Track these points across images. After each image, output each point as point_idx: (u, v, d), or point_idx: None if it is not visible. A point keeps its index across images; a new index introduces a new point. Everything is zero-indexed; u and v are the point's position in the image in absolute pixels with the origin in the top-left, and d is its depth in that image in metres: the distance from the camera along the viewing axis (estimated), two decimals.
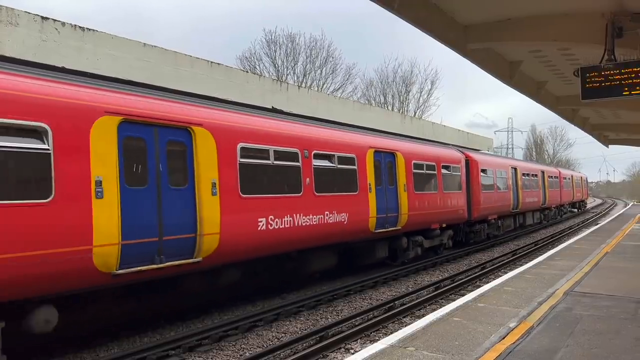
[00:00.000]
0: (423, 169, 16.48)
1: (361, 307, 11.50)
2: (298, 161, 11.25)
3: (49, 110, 6.86)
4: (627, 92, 9.65)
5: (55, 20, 13.81)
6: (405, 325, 8.72)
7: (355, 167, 13.15)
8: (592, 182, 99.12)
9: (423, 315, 9.63)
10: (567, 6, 10.60)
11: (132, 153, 7.87)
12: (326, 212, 11.91)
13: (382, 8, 9.34)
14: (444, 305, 9.76)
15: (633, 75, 9.52)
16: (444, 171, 17.86)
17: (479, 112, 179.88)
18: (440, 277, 14.95)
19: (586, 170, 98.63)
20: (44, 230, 6.57)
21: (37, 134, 6.70)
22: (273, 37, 48.32)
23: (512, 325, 7.43)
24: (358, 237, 13.51)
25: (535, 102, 19.12)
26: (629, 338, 6.82)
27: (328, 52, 50.05)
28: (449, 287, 13.09)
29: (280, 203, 10.60)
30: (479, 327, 7.38)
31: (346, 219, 12.53)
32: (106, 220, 7.26)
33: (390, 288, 13.70)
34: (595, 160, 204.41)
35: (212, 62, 18.81)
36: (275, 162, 10.65)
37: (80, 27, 14.43)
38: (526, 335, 6.93)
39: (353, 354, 7.73)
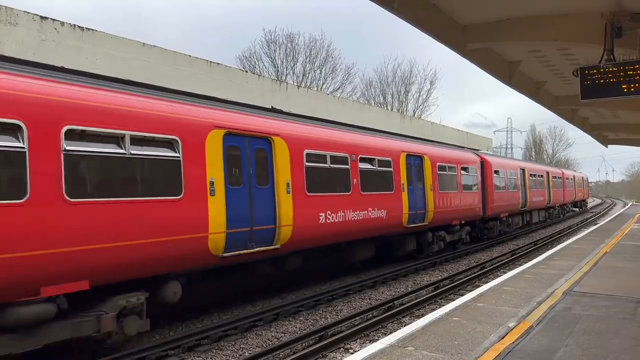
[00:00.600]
0: (446, 171, 18.26)
1: (360, 307, 11.50)
2: (348, 164, 13.02)
3: (179, 126, 8.69)
4: (627, 92, 9.65)
5: (54, 19, 13.80)
6: (405, 325, 8.73)
7: (391, 169, 14.92)
8: (591, 182, 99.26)
9: (422, 315, 9.63)
10: (567, 6, 10.60)
11: (232, 159, 9.72)
12: (369, 209, 13.68)
13: (381, 8, 9.35)
14: (443, 305, 9.76)
15: (632, 75, 9.53)
16: (463, 172, 19.64)
17: (478, 112, 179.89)
18: (440, 277, 14.96)
19: (585, 170, 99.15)
20: (176, 221, 8.38)
21: (171, 144, 8.52)
22: (272, 37, 48.34)
23: (511, 325, 7.44)
24: (393, 231, 15.32)
25: (534, 102, 19.13)
26: (628, 338, 6.83)
27: (327, 52, 50.08)
28: (448, 287, 13.10)
29: (335, 201, 12.40)
30: (478, 327, 7.39)
31: (385, 214, 14.32)
32: (217, 213, 9.11)
33: (390, 288, 13.71)
34: (594, 160, 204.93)
35: (211, 61, 18.80)
36: (331, 166, 12.45)
37: (79, 26, 14.41)
38: (525, 335, 6.93)
39: (352, 353, 7.73)
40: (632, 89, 9.57)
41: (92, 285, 7.26)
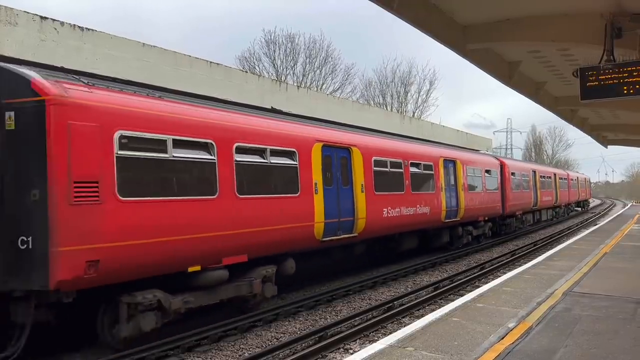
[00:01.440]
0: (474, 173, 21.05)
1: (360, 307, 11.50)
2: (402, 168, 15.63)
3: (296, 141, 11.46)
4: (626, 93, 9.65)
5: (54, 19, 13.79)
6: (405, 326, 8.72)
7: (432, 172, 17.55)
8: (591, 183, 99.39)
9: (422, 316, 9.63)
10: (566, 7, 10.60)
11: (326, 165, 12.29)
12: (417, 206, 16.28)
13: (381, 9, 9.34)
14: (443, 306, 9.75)
15: (632, 76, 9.52)
16: (486, 174, 22.38)
17: (477, 112, 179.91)
18: (440, 278, 14.96)
19: (585, 170, 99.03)
20: (296, 212, 11.11)
21: (292, 155, 11.23)
22: (272, 37, 48.35)
23: (511, 325, 7.44)
24: (433, 226, 18.04)
25: (534, 103, 19.13)
26: (628, 338, 6.83)
27: (327, 52, 50.10)
28: (448, 287, 13.10)
29: (393, 198, 14.93)
30: (478, 328, 7.38)
31: (428, 211, 16.90)
32: (319, 207, 11.76)
33: (389, 288, 13.70)
34: (594, 161, 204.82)
35: (211, 62, 18.80)
36: (390, 169, 15.02)
37: (79, 26, 14.41)
38: (525, 336, 6.93)
39: (352, 354, 7.72)
40: (632, 90, 9.57)
41: (249, 259, 9.93)
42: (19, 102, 7.16)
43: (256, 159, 10.35)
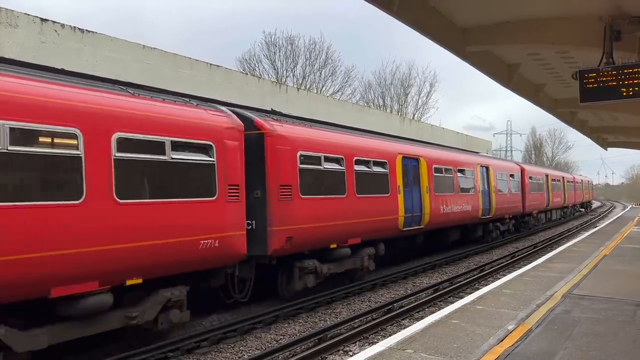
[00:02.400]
0: (501, 177, 24.86)
1: (360, 309, 11.50)
2: (452, 174, 19.20)
3: (387, 154, 15.04)
4: (626, 95, 9.66)
5: (54, 22, 13.81)
6: (404, 328, 8.73)
7: (473, 177, 21.30)
8: None
9: (422, 318, 9.63)
10: (566, 9, 10.62)
11: (404, 172, 15.69)
12: (463, 205, 19.84)
13: (381, 11, 9.36)
14: (442, 308, 9.75)
15: (631, 78, 9.54)
16: (510, 178, 26.24)
17: (477, 114, 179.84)
18: (439, 280, 14.96)
19: (585, 173, 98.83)
20: (387, 207, 14.60)
21: (385, 164, 14.74)
22: (273, 39, 48.41)
23: (510, 327, 7.44)
24: (472, 222, 21.75)
25: (533, 105, 19.14)
26: (627, 340, 6.83)
27: (327, 54, 50.16)
28: (448, 289, 13.10)
29: (448, 198, 18.52)
30: (478, 330, 7.39)
31: (470, 209, 20.56)
32: (401, 204, 15.21)
33: (389, 290, 13.71)
34: (594, 163, 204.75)
35: (211, 64, 18.82)
36: (445, 175, 18.61)
37: (79, 28, 14.43)
38: (524, 338, 6.94)
39: (351, 356, 7.73)
40: (631, 92, 9.58)
41: (362, 241, 13.46)
42: (248, 134, 10.19)
43: (364, 168, 13.71)
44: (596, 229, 28.93)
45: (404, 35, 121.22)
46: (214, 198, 9.07)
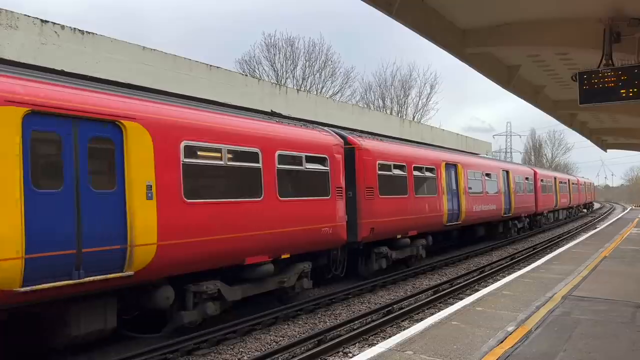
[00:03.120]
0: (519, 180, 28.33)
1: (359, 310, 11.50)
2: (481, 177, 22.49)
3: (435, 161, 17.98)
4: (625, 97, 9.66)
5: (54, 23, 13.82)
6: (404, 329, 8.71)
7: (497, 180, 24.61)
8: None
9: (421, 319, 9.63)
10: (565, 11, 10.61)
11: (447, 176, 18.96)
12: (490, 204, 23.09)
13: (381, 13, 9.36)
14: (442, 309, 9.75)
15: (631, 80, 9.54)
16: (526, 181, 29.82)
17: (476, 115, 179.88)
18: (439, 281, 14.96)
19: (584, 174, 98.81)
20: (435, 206, 17.53)
21: (434, 170, 17.71)
22: (272, 41, 48.46)
23: (510, 329, 7.44)
24: (495, 219, 24.98)
25: (533, 106, 19.12)
26: (627, 342, 6.83)
27: (327, 56, 50.21)
28: (448, 291, 13.10)
29: (477, 199, 21.60)
30: (477, 331, 7.39)
31: (495, 208, 23.86)
32: (445, 203, 18.36)
33: (389, 292, 13.70)
34: (593, 165, 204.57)
35: (211, 65, 18.83)
36: (475, 178, 21.72)
37: (79, 30, 14.44)
38: (524, 339, 6.94)
39: (351, 357, 7.74)
40: (631, 94, 9.58)
41: (418, 233, 16.39)
42: (345, 148, 13.34)
43: (419, 173, 16.81)
44: (596, 230, 28.94)
45: (404, 36, 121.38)
46: (328, 197, 12.25)
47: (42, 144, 7.02)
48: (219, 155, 9.38)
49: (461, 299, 11.43)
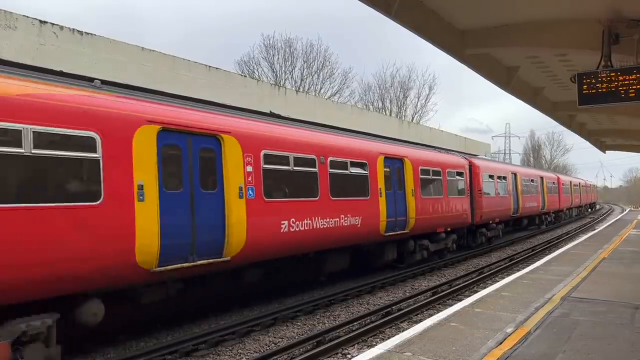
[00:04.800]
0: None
1: (358, 312, 11.48)
2: (493, 179, 24.05)
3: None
4: (624, 98, 9.67)
5: (53, 24, 13.82)
6: (403, 331, 8.71)
7: (537, 184, 31.88)
8: None
9: (420, 321, 9.62)
10: (564, 13, 10.62)
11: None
12: (528, 203, 29.43)
13: (380, 14, 9.36)
14: (441, 311, 9.74)
15: (629, 81, 9.55)
16: (553, 185, 36.50)
17: (474, 116, 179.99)
18: (438, 282, 14.94)
19: (583, 175, 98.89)
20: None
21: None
22: (271, 42, 48.51)
23: (509, 330, 7.43)
24: (534, 214, 31.91)
25: (532, 108, 19.14)
26: (626, 343, 6.83)
27: (325, 57, 50.25)
28: (447, 292, 13.08)
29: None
30: (476, 333, 7.38)
31: (537, 205, 31.50)
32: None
33: (388, 293, 13.69)
34: (592, 166, 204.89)
35: (210, 66, 18.83)
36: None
37: (78, 31, 14.44)
38: (523, 341, 6.93)
39: (350, 359, 7.73)
40: (630, 95, 9.59)
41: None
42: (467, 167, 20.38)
43: (503, 180, 22.18)
44: (594, 231, 28.95)
45: (403, 35, 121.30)
46: (465, 196, 19.87)
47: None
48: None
49: (460, 300, 11.43)
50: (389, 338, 8.06)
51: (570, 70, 12.85)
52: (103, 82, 12.35)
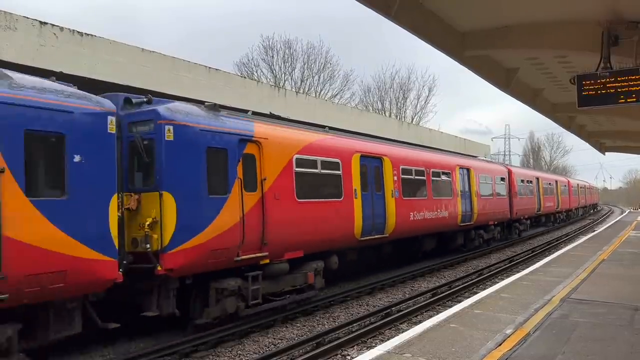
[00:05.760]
0: (546, 184, 34.68)
1: (358, 313, 11.48)
2: (532, 183, 30.52)
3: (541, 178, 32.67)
4: (623, 100, 9.67)
5: (53, 25, 13.83)
6: (402, 332, 8.70)
7: (554, 186, 36.67)
8: None
9: (420, 322, 9.62)
10: (564, 15, 10.63)
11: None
12: (547, 203, 33.78)
13: (380, 15, 9.38)
14: (440, 312, 9.74)
15: (629, 83, 9.56)
16: (561, 187, 39.90)
17: (473, 118, 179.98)
18: (437, 284, 14.95)
19: (583, 177, 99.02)
20: (469, 207, 21.79)
21: (531, 183, 30.78)
22: (270, 43, 48.48)
23: (508, 332, 7.43)
24: (551, 212, 36.27)
25: (531, 109, 19.16)
26: (625, 345, 6.83)
27: (326, 58, 50.26)
28: (446, 293, 13.09)
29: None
30: (476, 334, 7.38)
31: (553, 204, 36.26)
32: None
33: (387, 294, 13.69)
34: (592, 167, 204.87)
35: (210, 67, 18.85)
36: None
37: (78, 32, 14.45)
38: (523, 342, 6.93)
39: None
40: (629, 97, 9.60)
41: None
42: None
43: (529, 184, 28.20)
44: (594, 233, 28.95)
45: (403, 36, 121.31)
46: (505, 197, 24.42)
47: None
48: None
49: (459, 301, 11.42)
50: (388, 339, 8.05)
51: (570, 71, 12.83)
52: (103, 82, 12.34)
